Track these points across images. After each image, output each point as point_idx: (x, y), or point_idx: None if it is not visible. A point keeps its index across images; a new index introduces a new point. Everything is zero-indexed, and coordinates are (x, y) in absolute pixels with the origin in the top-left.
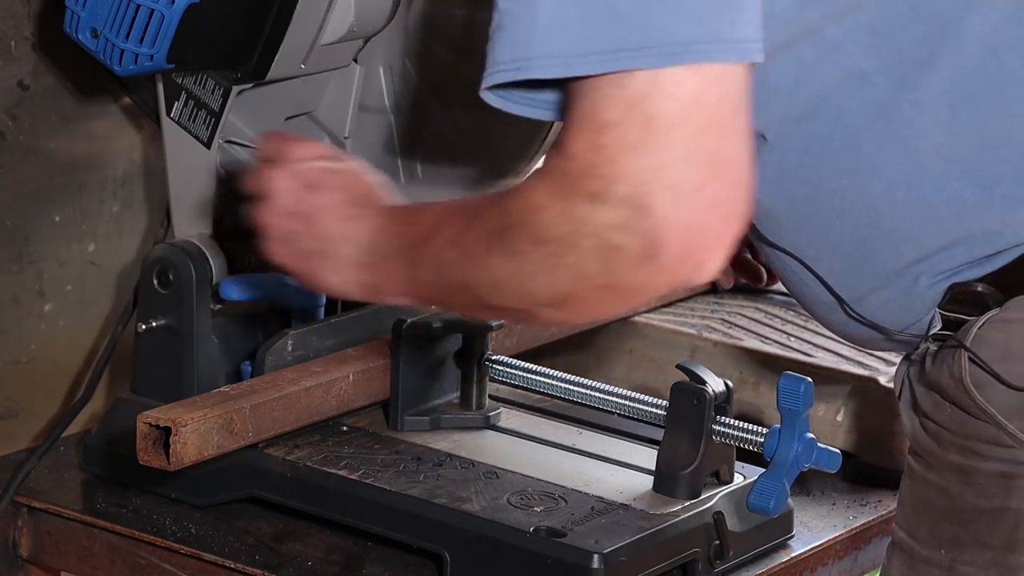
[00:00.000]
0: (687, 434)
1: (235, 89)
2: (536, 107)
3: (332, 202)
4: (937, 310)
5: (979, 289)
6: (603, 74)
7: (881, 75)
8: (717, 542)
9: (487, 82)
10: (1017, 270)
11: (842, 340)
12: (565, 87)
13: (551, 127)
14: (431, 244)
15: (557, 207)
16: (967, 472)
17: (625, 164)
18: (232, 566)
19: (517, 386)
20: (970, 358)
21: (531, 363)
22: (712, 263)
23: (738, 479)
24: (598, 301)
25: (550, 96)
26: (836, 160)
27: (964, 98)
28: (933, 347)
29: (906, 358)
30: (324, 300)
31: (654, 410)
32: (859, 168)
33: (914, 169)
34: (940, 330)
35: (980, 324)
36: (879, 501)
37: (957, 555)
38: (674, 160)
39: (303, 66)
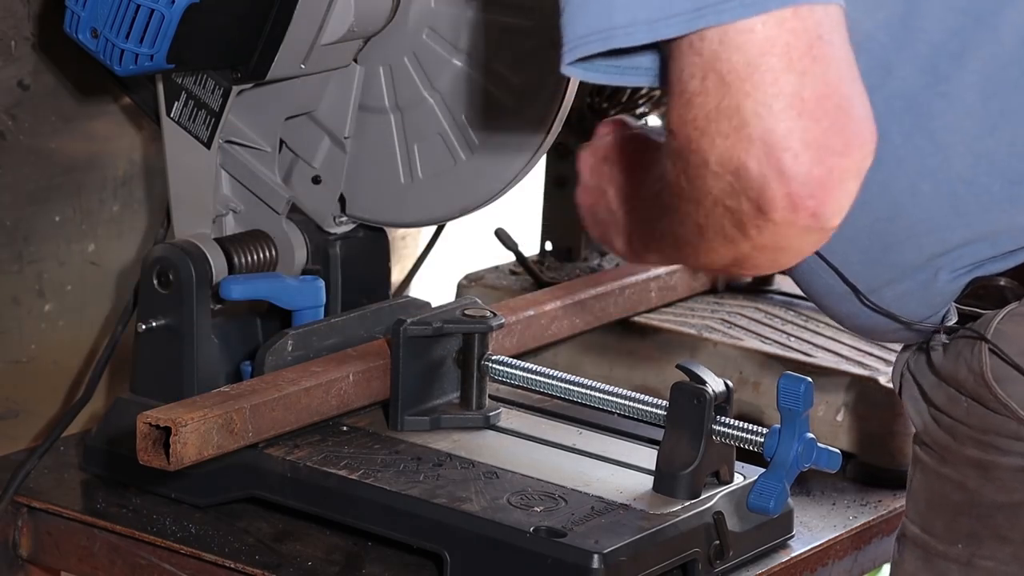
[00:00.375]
0: (687, 434)
1: (235, 89)
2: (625, 74)
3: (614, 172)
4: (953, 304)
5: (1001, 283)
6: (683, 36)
7: (910, 66)
8: (717, 542)
9: (569, 57)
10: None
11: (845, 330)
12: (658, 51)
13: (551, 128)
14: (648, 207)
15: (683, 180)
16: (986, 467)
17: (713, 132)
18: (232, 566)
19: (517, 386)
20: (991, 350)
21: (531, 363)
22: (830, 205)
23: (738, 479)
24: (762, 260)
25: (641, 61)
26: None
27: (996, 91)
28: (944, 339)
29: (905, 349)
30: (324, 300)
31: (654, 410)
32: (884, 160)
33: (942, 163)
34: (955, 323)
35: (999, 317)
36: (879, 501)
37: (976, 550)
38: (753, 113)
39: (303, 66)
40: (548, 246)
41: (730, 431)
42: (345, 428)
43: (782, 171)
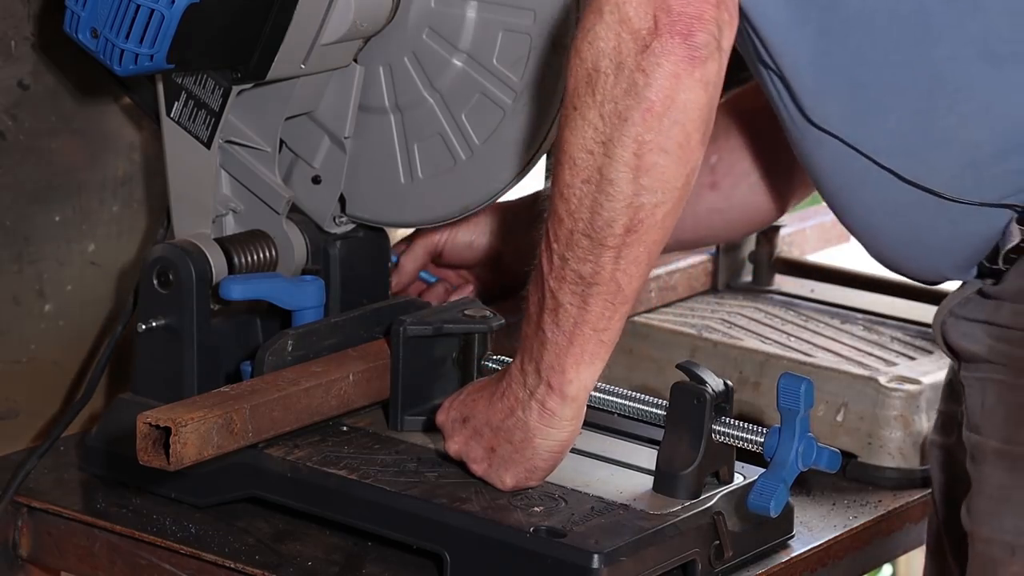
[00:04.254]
0: (687, 434)
1: (235, 89)
2: None
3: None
4: (1015, 224)
5: None
6: None
7: None
8: (717, 542)
9: None
10: None
11: (877, 243)
12: None
13: (551, 128)
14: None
15: (576, 67)
16: None
17: None
18: (232, 566)
19: None
20: None
21: None
22: (700, 33)
23: (738, 479)
24: (660, 133)
25: None
26: (902, 29)
27: None
28: (1003, 266)
29: (944, 306)
30: (324, 300)
31: (654, 410)
32: (925, 28)
33: (982, 26)
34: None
35: None
36: (879, 501)
37: None
38: None
39: (303, 66)
40: None
41: (730, 431)
42: (345, 428)
43: (664, 7)
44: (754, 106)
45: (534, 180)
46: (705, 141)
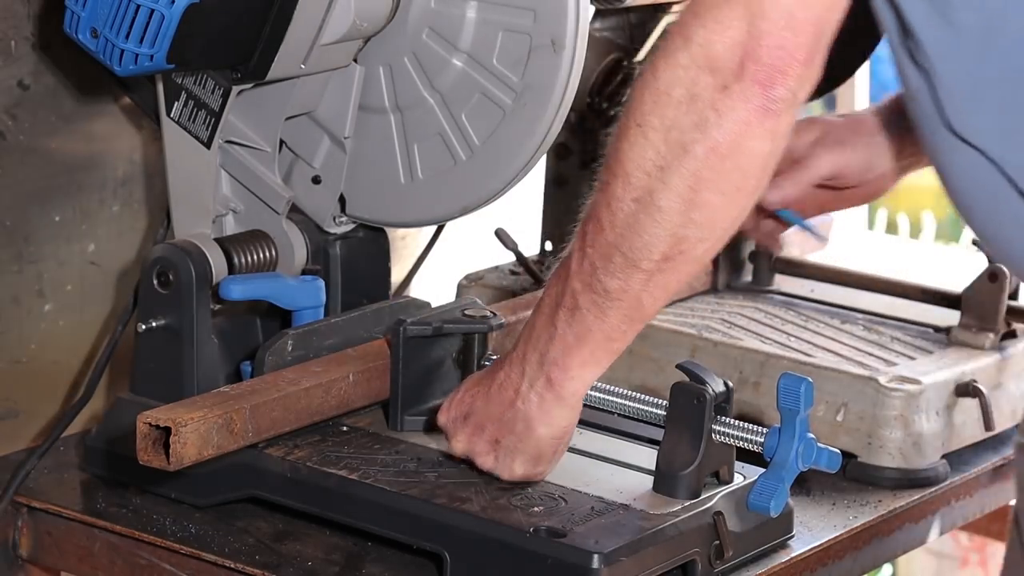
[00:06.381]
0: (687, 434)
1: (235, 89)
2: None
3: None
4: None
5: None
6: None
7: None
8: (717, 542)
9: None
10: None
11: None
12: None
13: (551, 128)
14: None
15: (650, 82)
16: None
17: (707, 17)
18: (232, 566)
19: None
20: None
21: None
22: (780, 87)
23: (738, 479)
24: (715, 173)
25: None
26: None
27: None
28: None
29: None
30: (324, 300)
31: (654, 410)
32: None
33: None
34: None
35: None
36: (879, 501)
37: None
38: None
39: (303, 66)
40: (548, 246)
41: (730, 431)
42: (345, 428)
43: (754, 55)
44: None
45: (534, 180)
46: (761, 188)
